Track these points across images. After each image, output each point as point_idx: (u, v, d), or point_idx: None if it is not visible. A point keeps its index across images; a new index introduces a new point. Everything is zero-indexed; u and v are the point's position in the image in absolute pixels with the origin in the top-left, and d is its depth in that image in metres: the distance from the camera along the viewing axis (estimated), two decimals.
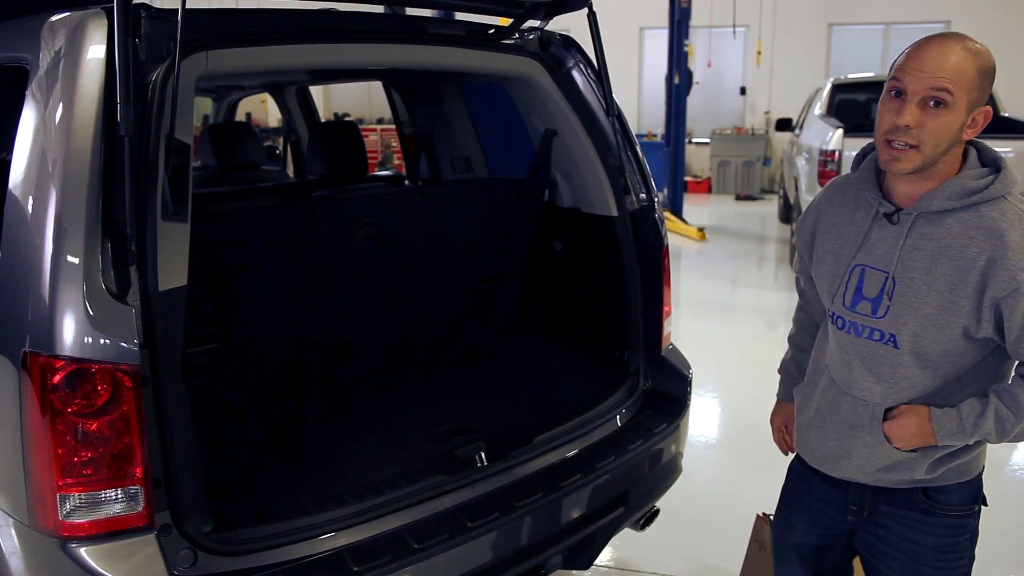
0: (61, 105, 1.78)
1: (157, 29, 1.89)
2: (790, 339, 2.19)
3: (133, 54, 1.78)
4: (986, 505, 1.87)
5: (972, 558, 1.85)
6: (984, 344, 1.68)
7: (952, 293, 1.63)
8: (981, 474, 1.84)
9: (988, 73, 1.61)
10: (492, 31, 2.69)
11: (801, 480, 2.00)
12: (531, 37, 2.74)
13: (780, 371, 2.21)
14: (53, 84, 1.83)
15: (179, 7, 1.77)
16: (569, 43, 2.79)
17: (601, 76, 2.72)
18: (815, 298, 2.02)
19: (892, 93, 1.62)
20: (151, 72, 1.84)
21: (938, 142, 1.59)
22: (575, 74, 2.76)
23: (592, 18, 2.63)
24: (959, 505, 1.80)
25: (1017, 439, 1.69)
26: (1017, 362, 1.69)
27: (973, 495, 1.82)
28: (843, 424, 1.80)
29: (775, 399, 2.24)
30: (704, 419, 4.94)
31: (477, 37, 2.65)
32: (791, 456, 2.09)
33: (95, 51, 1.81)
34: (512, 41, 2.69)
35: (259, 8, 2.24)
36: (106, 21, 1.84)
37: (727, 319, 7.31)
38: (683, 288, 8.35)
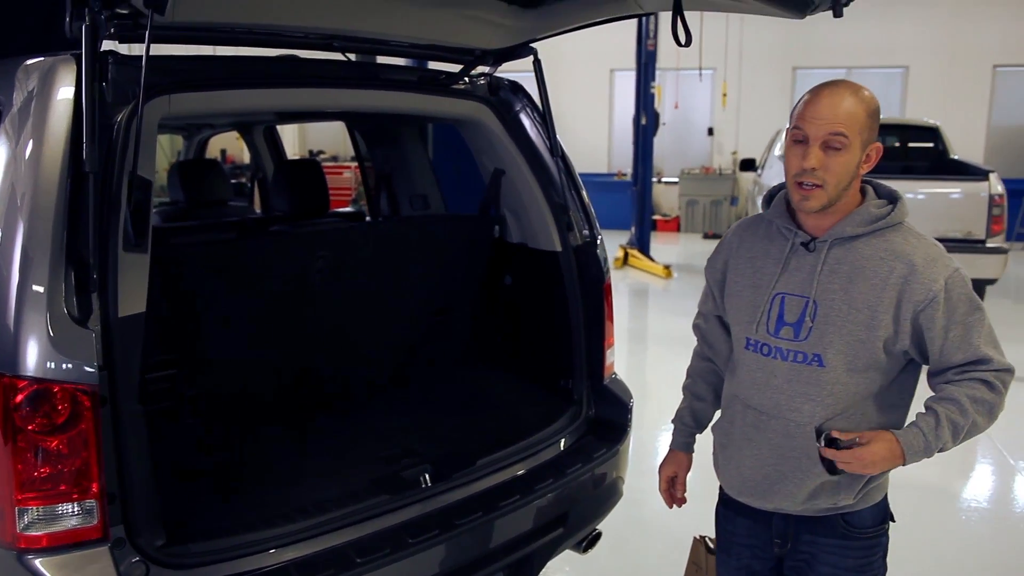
0: (31, 142, 1.91)
1: (123, 74, 2.01)
2: (686, 389, 2.26)
3: (100, 97, 1.92)
4: (894, 521, 2.01)
5: (885, 568, 1.99)
6: (902, 357, 1.84)
7: (871, 310, 1.79)
8: (887, 494, 1.99)
9: (875, 114, 1.80)
10: (444, 77, 2.86)
11: (726, 523, 2.11)
12: (481, 82, 2.91)
13: (674, 422, 2.27)
14: (24, 123, 1.96)
15: (144, 54, 1.91)
16: (516, 88, 2.96)
17: (546, 119, 2.88)
18: (719, 340, 2.14)
19: (795, 140, 1.81)
20: (117, 113, 1.97)
21: (839, 180, 1.78)
22: (522, 117, 2.92)
23: (537, 65, 2.81)
24: (872, 526, 1.94)
25: (963, 440, 1.82)
26: (945, 369, 1.83)
27: (883, 515, 1.97)
28: (776, 448, 1.90)
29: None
30: (663, 450, 5.06)
31: (429, 82, 2.82)
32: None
33: (64, 93, 1.95)
34: (463, 86, 2.86)
35: (221, 55, 2.38)
36: (75, 66, 1.98)
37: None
38: (650, 325, 8.52)
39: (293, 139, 16.24)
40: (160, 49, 2.03)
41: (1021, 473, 4.72)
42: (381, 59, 3.18)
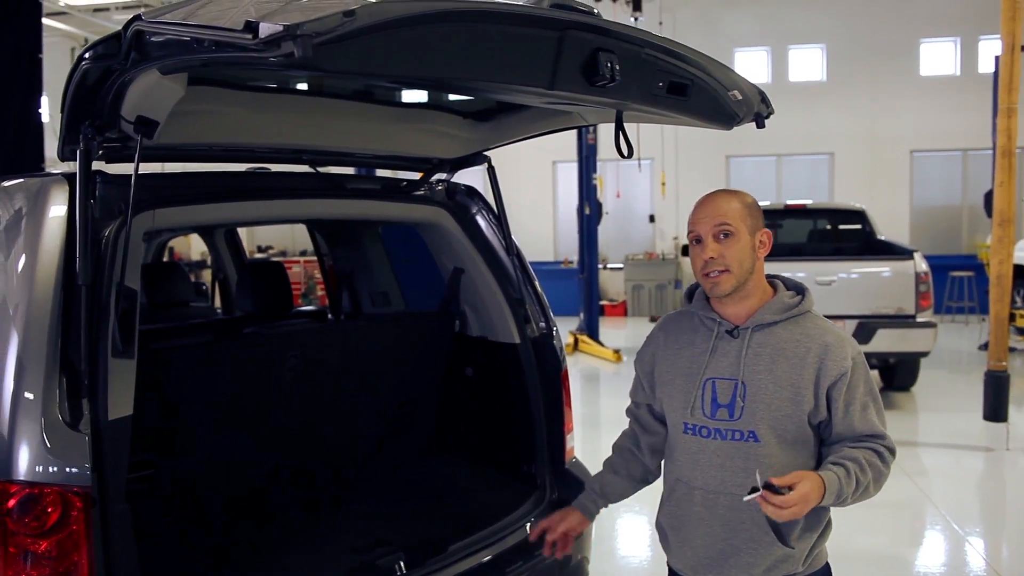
0: (24, 257, 2.03)
1: (110, 192, 2.15)
2: (606, 462, 2.39)
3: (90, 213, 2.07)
4: None
5: None
6: (821, 431, 2.04)
7: (794, 387, 1.98)
8: (827, 561, 2.15)
9: (753, 206, 2.06)
10: (404, 184, 3.07)
11: None
12: (439, 188, 3.12)
13: (586, 487, 2.41)
14: (16, 239, 2.09)
15: (132, 174, 2.06)
16: (472, 192, 3.17)
17: (501, 220, 3.10)
18: (651, 424, 2.27)
19: (694, 241, 2.06)
20: (104, 228, 2.10)
21: (740, 261, 2.00)
22: (478, 219, 3.13)
23: (491, 172, 3.04)
24: None
25: (855, 501, 1.97)
26: (842, 439, 2.01)
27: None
28: (727, 524, 2.02)
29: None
30: (631, 536, 5.16)
31: (391, 190, 3.02)
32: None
33: (56, 211, 2.09)
34: (422, 192, 3.06)
35: (199, 172, 2.55)
36: (66, 185, 2.13)
37: None
38: (603, 409, 8.66)
39: (242, 235, 16.33)
40: (145, 167, 2.19)
41: (968, 541, 4.90)
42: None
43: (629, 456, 2.34)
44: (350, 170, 3.41)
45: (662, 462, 2.30)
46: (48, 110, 6.10)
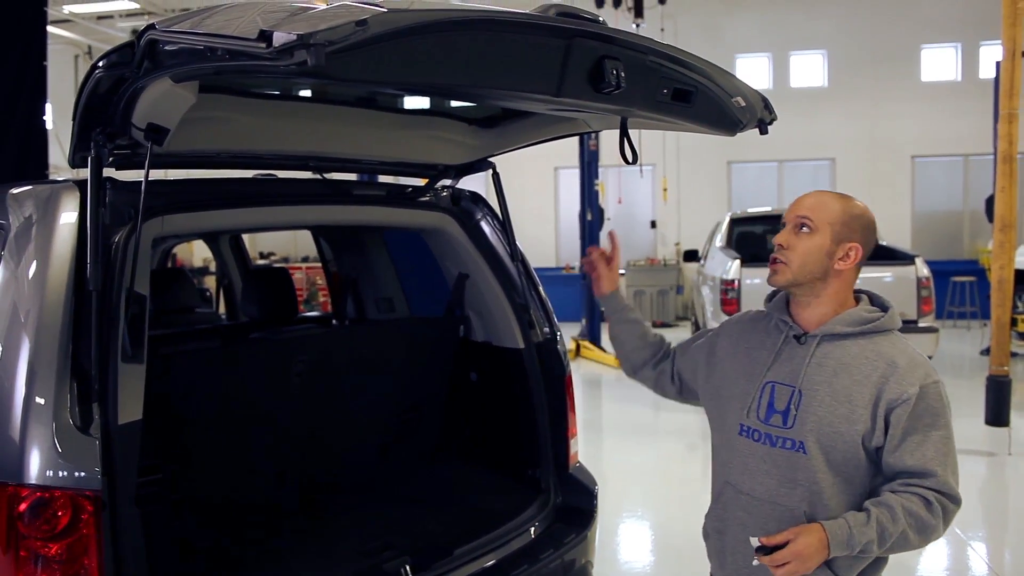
0: (36, 263, 2.06)
1: (119, 198, 2.17)
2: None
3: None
4: None
5: None
6: (877, 458, 1.91)
7: (851, 403, 1.88)
8: None
9: (857, 217, 1.97)
10: (410, 190, 3.09)
11: None
12: (444, 194, 3.14)
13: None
14: (27, 245, 2.11)
15: (143, 180, 2.09)
16: (477, 198, 3.20)
17: (505, 226, 3.12)
18: (667, 367, 2.29)
19: (782, 226, 2.02)
20: (114, 234, 2.13)
21: (803, 260, 1.94)
22: (483, 225, 3.15)
23: (496, 178, 3.06)
24: None
25: (891, 551, 1.86)
26: (894, 475, 1.90)
27: None
28: (768, 534, 1.90)
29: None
30: (634, 541, 5.16)
31: (396, 196, 3.05)
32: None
33: (67, 217, 2.11)
34: (427, 198, 3.09)
35: (208, 178, 2.58)
36: (78, 193, 2.15)
37: (651, 443, 7.46)
38: (605, 414, 8.67)
39: (244, 242, 16.36)
40: (152, 174, 2.21)
41: (971, 545, 4.91)
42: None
43: (645, 331, 2.35)
44: (353, 177, 3.44)
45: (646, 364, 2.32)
46: (52, 117, 6.13)
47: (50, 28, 7.96)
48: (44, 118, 5.58)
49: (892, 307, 2.02)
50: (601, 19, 1.98)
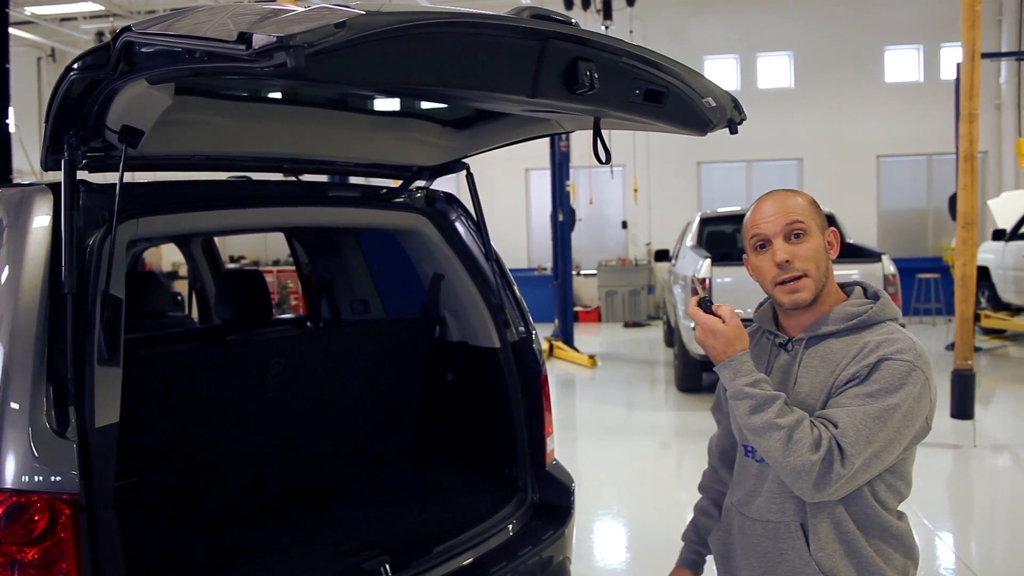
0: (8, 268, 2.04)
1: (94, 201, 2.16)
2: (696, 507, 2.23)
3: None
4: None
5: None
6: None
7: (827, 397, 1.77)
8: None
9: (815, 203, 1.88)
10: (384, 191, 3.10)
11: None
12: (418, 195, 3.15)
13: (683, 539, 2.23)
14: None
15: (117, 183, 2.08)
16: (451, 199, 3.22)
17: (480, 226, 3.14)
18: (727, 446, 2.13)
19: (758, 247, 1.85)
20: (89, 237, 2.11)
21: (817, 264, 1.81)
22: (458, 225, 3.17)
23: (470, 178, 3.08)
24: None
25: (757, 435, 1.72)
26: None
27: None
28: (765, 554, 1.87)
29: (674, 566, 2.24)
30: (610, 538, 5.19)
31: (371, 197, 3.05)
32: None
33: (40, 220, 2.10)
34: (402, 199, 3.10)
35: (182, 181, 2.57)
36: (51, 196, 2.14)
37: (624, 442, 7.46)
38: (579, 414, 8.71)
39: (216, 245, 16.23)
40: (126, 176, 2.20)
41: (938, 536, 5.01)
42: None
43: (709, 486, 2.21)
44: (325, 178, 3.44)
45: None
46: (13, 120, 6.05)
47: (12, 30, 7.85)
48: (7, 121, 5.50)
49: (885, 296, 1.87)
50: (574, 21, 2.01)
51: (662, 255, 11.56)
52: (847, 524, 1.80)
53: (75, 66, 1.89)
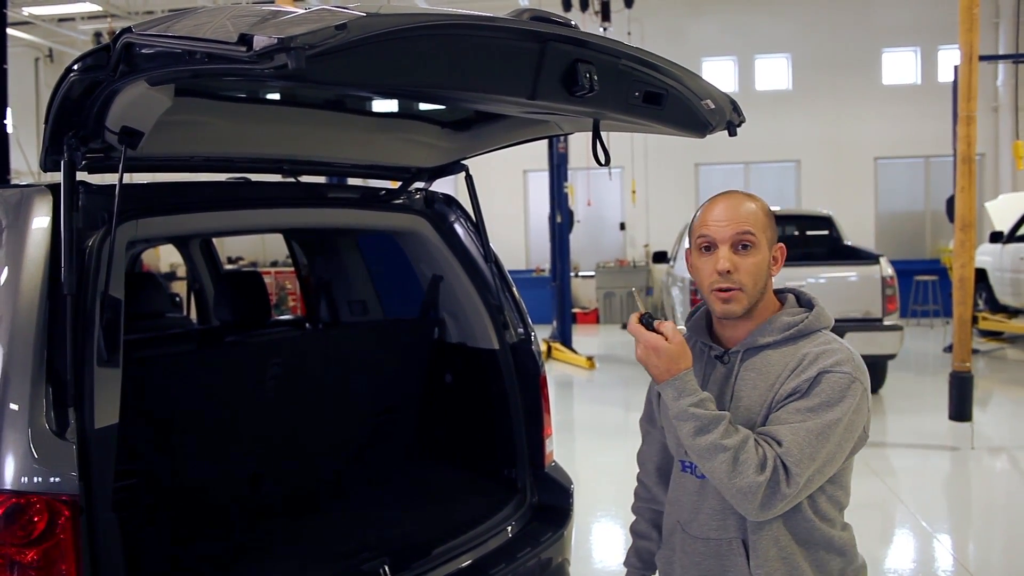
0: (8, 269, 2.04)
1: (93, 202, 2.16)
2: (632, 530, 2.19)
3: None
4: None
5: None
6: None
7: (766, 413, 1.75)
8: None
9: (771, 215, 1.82)
10: (383, 193, 3.10)
11: None
12: (417, 197, 3.15)
13: (625, 564, 2.18)
14: None
15: (116, 183, 2.08)
16: (450, 201, 3.22)
17: (479, 228, 3.14)
18: (662, 461, 2.09)
19: (703, 248, 1.80)
20: (88, 238, 2.11)
21: (756, 280, 1.76)
22: (457, 227, 3.17)
23: (469, 180, 3.08)
24: None
25: (701, 457, 1.69)
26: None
27: None
28: (707, 573, 1.84)
29: None
30: (608, 541, 5.20)
31: (370, 199, 3.05)
32: None
33: (40, 222, 2.09)
34: (401, 201, 3.10)
35: (181, 182, 2.57)
36: (50, 196, 2.14)
37: (622, 443, 7.38)
38: (577, 415, 8.72)
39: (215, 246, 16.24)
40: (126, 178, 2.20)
41: (936, 538, 5.01)
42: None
43: (644, 507, 2.18)
44: (324, 180, 3.44)
45: None
46: (11, 121, 6.05)
47: (10, 30, 7.84)
48: (5, 122, 5.49)
49: (819, 305, 1.85)
50: (573, 23, 2.02)
51: (660, 256, 11.57)
52: (786, 539, 1.78)
53: (75, 67, 1.89)
